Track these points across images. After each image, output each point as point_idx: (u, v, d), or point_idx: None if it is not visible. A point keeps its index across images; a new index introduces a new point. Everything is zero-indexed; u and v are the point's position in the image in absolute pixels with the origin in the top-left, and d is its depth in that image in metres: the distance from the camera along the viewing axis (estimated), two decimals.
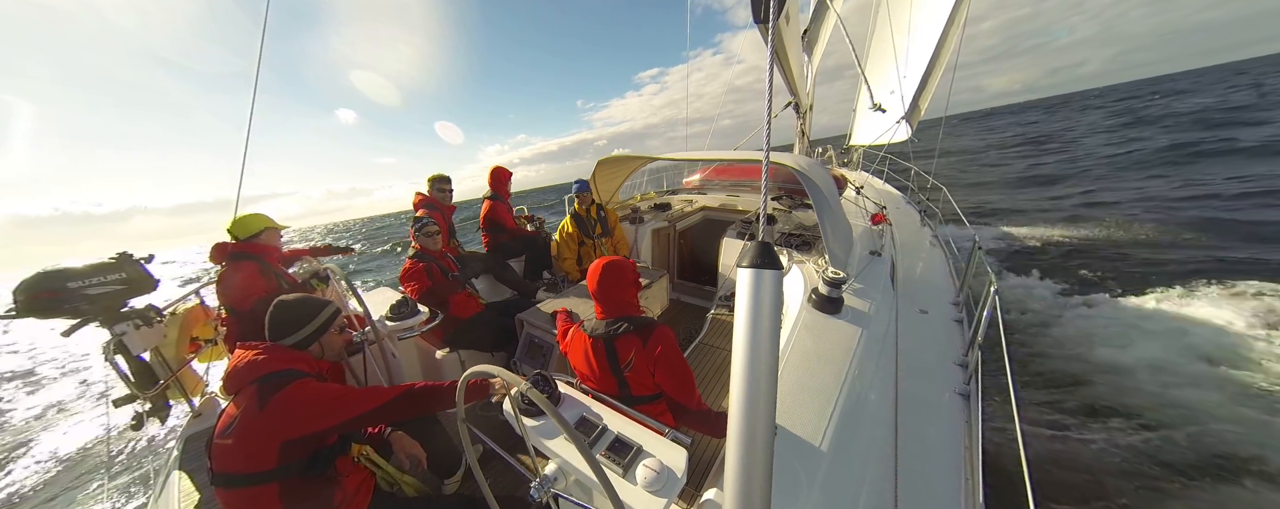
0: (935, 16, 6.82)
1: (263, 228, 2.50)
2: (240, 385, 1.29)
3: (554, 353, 2.50)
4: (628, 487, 1.05)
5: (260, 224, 2.50)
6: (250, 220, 2.49)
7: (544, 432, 1.23)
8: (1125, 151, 17.29)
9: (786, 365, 1.59)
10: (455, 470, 2.01)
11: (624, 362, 1.57)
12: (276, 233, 2.58)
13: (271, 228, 2.54)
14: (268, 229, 2.52)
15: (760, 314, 0.64)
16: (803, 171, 2.36)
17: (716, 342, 2.96)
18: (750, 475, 0.64)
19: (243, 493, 1.21)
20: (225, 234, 2.46)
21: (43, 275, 1.62)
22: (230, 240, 2.42)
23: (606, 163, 4.17)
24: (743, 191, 5.11)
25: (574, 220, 3.88)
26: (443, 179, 3.85)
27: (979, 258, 2.65)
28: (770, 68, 0.80)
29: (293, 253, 2.86)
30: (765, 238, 0.70)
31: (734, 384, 0.66)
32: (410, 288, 2.76)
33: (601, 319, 1.64)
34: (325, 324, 1.54)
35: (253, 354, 1.37)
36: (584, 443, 0.84)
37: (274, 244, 2.57)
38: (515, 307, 3.08)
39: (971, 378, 1.92)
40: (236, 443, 1.20)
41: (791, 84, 5.26)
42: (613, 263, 1.64)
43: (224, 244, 2.42)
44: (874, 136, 7.83)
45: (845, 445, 1.33)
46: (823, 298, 1.95)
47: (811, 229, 3.26)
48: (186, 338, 2.47)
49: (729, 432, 0.66)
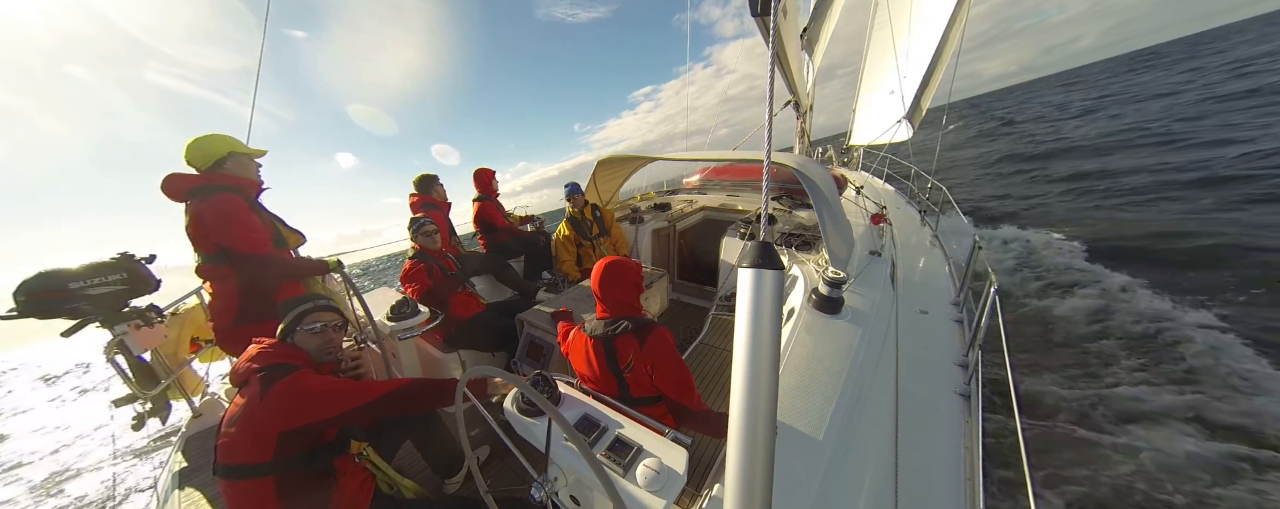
0: (935, 16, 6.82)
1: (227, 152, 1.91)
2: (247, 376, 1.31)
3: (554, 353, 2.50)
4: (628, 486, 1.05)
5: (224, 146, 1.90)
6: (210, 142, 1.87)
7: (544, 432, 1.23)
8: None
9: (786, 365, 1.59)
10: (456, 471, 2.01)
11: (623, 362, 1.57)
12: (249, 161, 2.02)
13: (240, 152, 1.96)
14: (234, 154, 1.93)
15: (761, 314, 0.63)
16: (803, 171, 2.36)
17: (716, 342, 2.96)
18: (751, 475, 0.64)
19: (242, 485, 1.22)
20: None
21: (43, 276, 1.62)
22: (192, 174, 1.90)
23: (606, 163, 4.16)
24: (743, 191, 5.11)
25: (570, 223, 3.88)
26: (431, 178, 3.72)
27: (979, 258, 2.64)
28: (772, 64, 0.80)
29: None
30: (766, 238, 0.70)
31: (735, 384, 0.66)
32: (410, 288, 2.76)
33: (602, 319, 1.65)
34: (293, 323, 1.51)
35: (260, 347, 1.40)
36: (584, 443, 0.84)
37: (249, 175, 2.02)
38: (516, 307, 3.08)
39: (971, 378, 1.92)
40: (238, 431, 1.21)
41: (791, 83, 5.26)
42: (617, 262, 1.64)
43: (180, 175, 1.85)
44: (874, 136, 7.83)
45: (845, 445, 1.33)
46: (823, 298, 1.95)
47: (811, 229, 3.26)
48: (187, 338, 2.48)
49: (730, 431, 0.66)
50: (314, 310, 1.54)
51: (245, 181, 1.99)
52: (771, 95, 0.78)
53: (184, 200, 1.85)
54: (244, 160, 2.00)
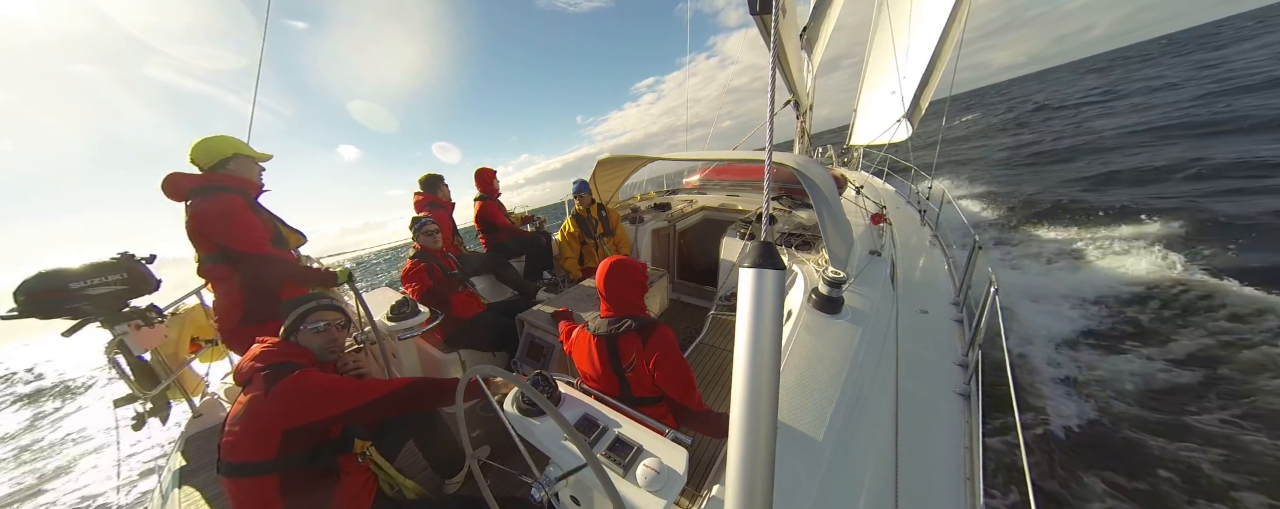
0: (935, 16, 6.82)
1: (231, 152, 1.91)
2: (250, 375, 1.31)
3: (555, 353, 2.50)
4: (628, 486, 1.05)
5: (229, 147, 1.91)
6: (215, 142, 1.89)
7: (544, 432, 1.23)
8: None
9: (786, 365, 1.59)
10: (457, 471, 2.01)
11: (626, 361, 1.58)
12: (252, 163, 2.03)
13: (244, 155, 1.97)
14: (238, 155, 1.94)
15: (762, 314, 0.63)
16: (803, 171, 2.36)
17: (717, 342, 2.96)
18: (752, 475, 0.64)
19: (246, 483, 1.22)
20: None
21: (43, 276, 1.62)
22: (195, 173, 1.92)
23: (606, 163, 4.16)
24: (743, 191, 5.11)
25: (575, 220, 3.88)
26: (437, 177, 3.73)
27: (979, 258, 2.64)
28: (773, 66, 0.80)
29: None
30: (766, 238, 0.70)
31: (736, 383, 0.66)
32: (411, 288, 2.76)
33: (605, 317, 1.65)
34: (296, 322, 1.51)
35: (263, 346, 1.40)
36: (584, 443, 0.84)
37: (251, 177, 2.02)
38: (516, 307, 3.08)
39: (971, 378, 1.92)
40: (243, 429, 1.21)
41: (791, 82, 5.26)
42: (622, 261, 1.65)
43: (181, 175, 1.86)
44: (874, 136, 7.84)
45: (845, 445, 1.33)
46: (823, 298, 1.95)
47: (811, 229, 3.26)
48: (187, 338, 2.48)
49: (731, 431, 0.66)
50: (317, 309, 1.54)
51: (246, 183, 2.00)
52: (773, 96, 0.78)
53: (184, 200, 1.86)
54: (247, 162, 2.01)
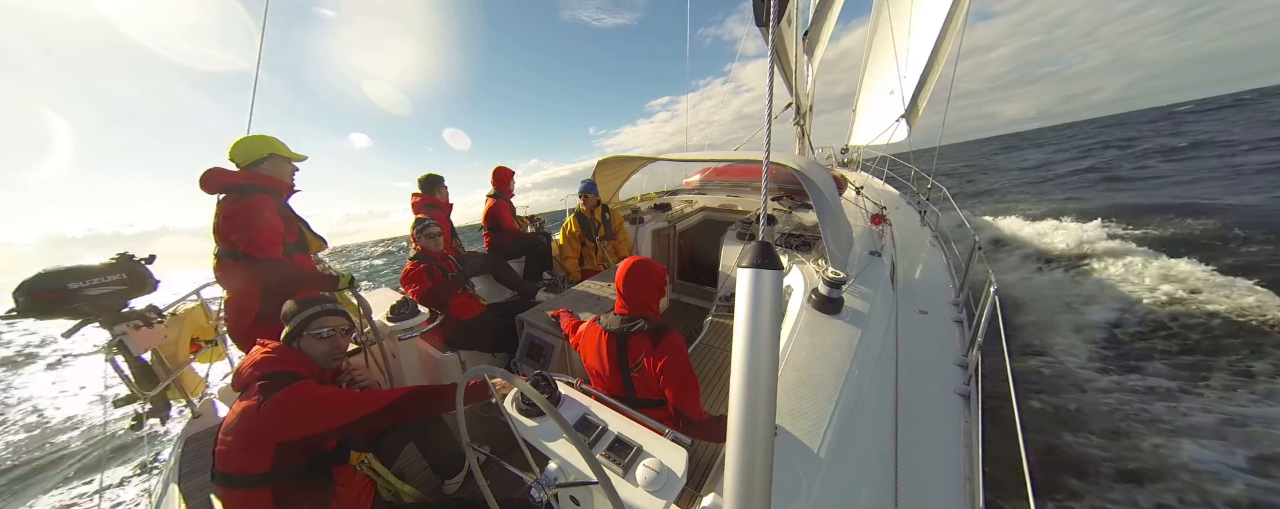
0: (935, 16, 6.85)
1: (268, 152, 1.98)
2: (248, 382, 1.29)
3: (554, 353, 2.50)
4: (627, 487, 1.05)
5: (267, 147, 1.98)
6: (254, 141, 1.97)
7: (544, 432, 1.23)
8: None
9: (786, 366, 1.59)
10: (457, 472, 2.01)
11: (633, 361, 1.58)
12: (286, 163, 2.07)
13: (280, 155, 2.02)
14: (274, 155, 2.00)
15: (760, 314, 0.63)
16: (803, 172, 2.36)
17: (716, 343, 2.96)
18: (750, 476, 0.64)
19: (238, 494, 1.20)
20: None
21: (43, 276, 1.61)
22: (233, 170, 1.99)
23: (607, 163, 4.17)
24: (743, 192, 5.12)
25: (578, 220, 3.87)
26: (436, 178, 3.74)
27: (979, 258, 2.65)
28: (771, 67, 0.80)
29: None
30: (765, 238, 0.70)
31: (734, 384, 0.65)
32: (411, 289, 2.76)
33: (619, 315, 1.66)
34: (299, 327, 1.47)
35: (262, 352, 1.37)
36: (584, 443, 0.84)
37: (284, 177, 2.08)
38: (516, 308, 3.08)
39: (971, 378, 1.92)
40: (235, 440, 1.19)
41: (791, 86, 5.28)
42: (644, 263, 1.68)
43: (219, 171, 1.93)
44: (873, 136, 7.86)
45: (845, 446, 1.33)
46: (822, 298, 1.95)
47: (811, 229, 3.26)
48: (187, 338, 2.47)
49: (729, 432, 0.66)
50: (321, 314, 1.50)
51: (279, 184, 2.04)
52: (771, 97, 0.78)
53: (217, 194, 1.91)
54: (281, 162, 2.06)
